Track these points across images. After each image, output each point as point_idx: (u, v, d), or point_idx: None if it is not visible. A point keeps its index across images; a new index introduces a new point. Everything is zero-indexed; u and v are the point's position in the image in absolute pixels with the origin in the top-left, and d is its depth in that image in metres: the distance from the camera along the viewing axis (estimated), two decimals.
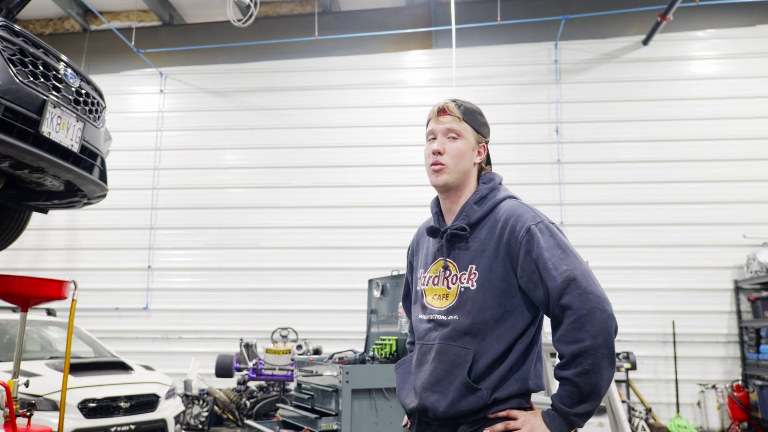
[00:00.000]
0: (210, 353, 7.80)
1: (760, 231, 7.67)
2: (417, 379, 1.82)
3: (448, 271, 1.82)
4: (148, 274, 8.60)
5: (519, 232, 1.72)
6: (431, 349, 1.79)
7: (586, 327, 1.60)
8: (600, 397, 1.63)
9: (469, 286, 1.75)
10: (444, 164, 1.82)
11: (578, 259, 1.71)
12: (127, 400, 5.27)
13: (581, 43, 8.51)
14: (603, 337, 1.59)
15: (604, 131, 8.31)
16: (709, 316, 7.76)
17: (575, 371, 1.59)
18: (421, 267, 1.93)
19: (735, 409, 7.29)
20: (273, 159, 8.74)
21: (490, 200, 1.85)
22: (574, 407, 1.61)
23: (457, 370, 1.71)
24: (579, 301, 1.61)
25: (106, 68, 9.21)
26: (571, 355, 1.60)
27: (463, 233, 1.80)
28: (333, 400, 3.72)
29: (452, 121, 1.85)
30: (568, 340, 1.61)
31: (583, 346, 1.59)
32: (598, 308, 1.61)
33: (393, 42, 8.88)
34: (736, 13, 8.29)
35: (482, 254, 1.77)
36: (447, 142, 1.84)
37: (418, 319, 1.89)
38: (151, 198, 8.77)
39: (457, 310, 1.76)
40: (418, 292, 1.93)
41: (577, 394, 1.60)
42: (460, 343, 1.73)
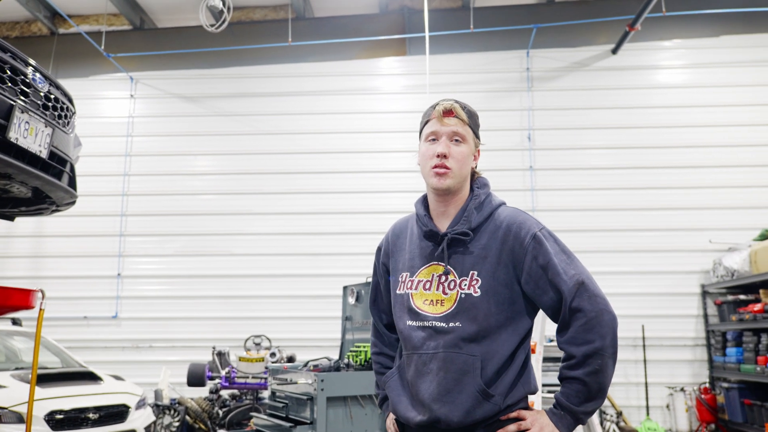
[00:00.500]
0: (182, 362, 7.68)
1: (725, 236, 7.86)
2: (421, 391, 1.75)
3: (446, 276, 1.78)
4: (117, 281, 8.44)
5: (524, 238, 1.74)
6: (433, 358, 1.74)
7: (595, 329, 1.67)
8: (605, 395, 1.71)
9: (471, 293, 1.74)
10: (449, 168, 1.79)
11: (581, 263, 1.78)
12: (95, 411, 5.16)
13: (552, 51, 8.64)
14: (610, 338, 1.68)
15: (576, 138, 8.44)
16: (677, 320, 7.91)
17: (585, 371, 1.66)
18: (404, 270, 1.88)
19: (702, 411, 7.44)
20: (246, 165, 8.68)
21: (488, 206, 1.84)
22: (581, 405, 1.68)
23: (466, 378, 1.70)
24: (589, 304, 1.68)
25: (75, 72, 9.04)
26: (583, 356, 1.66)
27: (464, 238, 1.78)
28: (308, 408, 3.70)
29: (457, 124, 1.82)
30: (579, 342, 1.67)
31: (593, 347, 1.66)
32: (605, 310, 1.70)
33: (367, 48, 8.90)
34: (701, 25, 8.51)
35: (484, 260, 1.76)
36: (452, 145, 1.81)
37: (407, 326, 1.82)
38: (121, 204, 8.63)
39: (459, 317, 1.73)
40: (400, 296, 1.87)
41: (585, 393, 1.67)
42: (466, 351, 1.71)
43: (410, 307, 1.82)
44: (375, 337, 2.10)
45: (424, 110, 1.96)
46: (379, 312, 2.08)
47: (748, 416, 6.81)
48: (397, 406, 1.84)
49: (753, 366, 6.74)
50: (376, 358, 2.07)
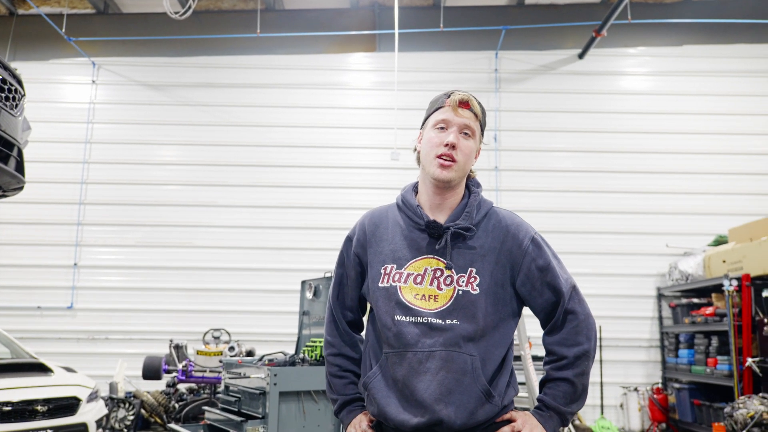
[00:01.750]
0: (139, 355, 7.54)
1: (681, 241, 8.05)
2: (418, 391, 1.66)
3: (442, 271, 1.72)
4: (74, 271, 8.24)
5: (523, 240, 1.76)
6: (431, 356, 1.66)
7: (584, 331, 1.74)
8: (586, 396, 1.76)
9: (469, 290, 1.70)
10: (456, 161, 1.73)
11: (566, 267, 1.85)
12: (44, 403, 5.02)
13: (521, 53, 8.72)
14: (594, 341, 1.77)
15: (541, 140, 8.54)
16: (633, 322, 8.08)
17: (575, 372, 1.70)
18: (388, 261, 1.77)
19: (654, 410, 7.62)
20: (211, 156, 8.55)
21: (484, 205, 1.82)
22: (568, 406, 1.71)
23: (466, 378, 1.66)
24: (581, 307, 1.76)
25: (34, 55, 8.79)
26: (574, 357, 1.70)
27: (467, 233, 1.74)
28: (260, 403, 3.66)
29: (470, 118, 1.77)
30: (570, 343, 1.72)
31: (583, 349, 1.71)
32: (590, 314, 1.79)
33: (336, 43, 8.85)
34: (665, 34, 8.69)
35: (483, 258, 1.73)
36: (461, 138, 1.75)
37: (397, 322, 1.71)
38: (79, 192, 8.42)
39: (455, 314, 1.68)
40: (385, 290, 1.75)
41: (572, 393, 1.71)
42: (466, 350, 1.67)
43: (399, 301, 1.73)
44: (333, 336, 1.92)
45: (434, 98, 1.86)
46: (343, 308, 1.92)
47: (698, 416, 7.00)
48: (386, 408, 1.71)
49: (703, 367, 6.93)
50: (333, 360, 1.90)
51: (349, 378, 1.89)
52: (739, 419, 5.61)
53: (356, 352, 1.91)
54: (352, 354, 1.91)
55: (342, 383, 1.88)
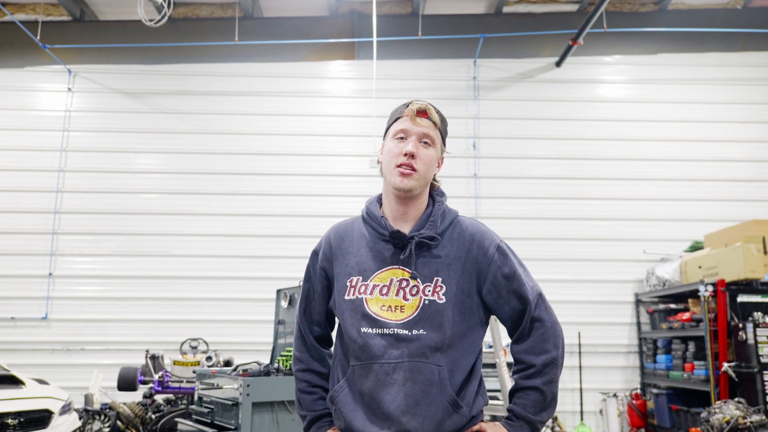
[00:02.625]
0: (115, 365, 7.41)
1: (658, 247, 8.13)
2: (385, 403, 1.64)
3: (408, 281, 1.71)
4: (48, 281, 8.11)
5: (488, 249, 1.77)
6: (397, 368, 1.65)
7: (551, 339, 1.73)
8: (556, 404, 1.75)
9: (436, 299, 1.69)
10: (416, 170, 1.73)
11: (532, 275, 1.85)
12: (15, 416, 4.94)
13: (499, 61, 8.78)
14: (562, 348, 1.75)
15: (519, 147, 8.59)
16: (611, 328, 8.13)
17: (544, 380, 1.69)
18: (354, 274, 1.76)
19: (633, 416, 7.66)
20: (188, 164, 8.49)
21: (450, 214, 1.84)
22: (538, 415, 1.69)
23: (433, 389, 1.64)
24: (547, 315, 1.75)
25: (9, 63, 8.66)
26: (542, 365, 1.69)
27: (431, 243, 1.74)
28: (233, 414, 3.62)
29: (429, 127, 1.77)
30: (537, 351, 1.71)
31: (551, 356, 1.71)
32: (557, 321, 1.77)
33: (316, 51, 8.85)
34: (640, 42, 8.81)
35: (449, 267, 1.73)
36: (421, 147, 1.75)
37: (363, 334, 1.70)
38: (54, 201, 8.30)
39: (422, 324, 1.67)
40: (351, 302, 1.74)
41: (542, 402, 1.69)
42: (433, 360, 1.66)
43: (365, 313, 1.71)
44: (301, 351, 1.90)
45: (394, 109, 1.88)
46: (310, 324, 1.90)
47: (675, 421, 7.05)
48: (353, 421, 1.69)
49: (681, 373, 6.99)
50: (302, 375, 1.88)
51: (317, 393, 1.87)
52: (715, 424, 5.67)
53: (325, 367, 1.90)
54: (320, 369, 1.89)
55: (311, 399, 1.86)
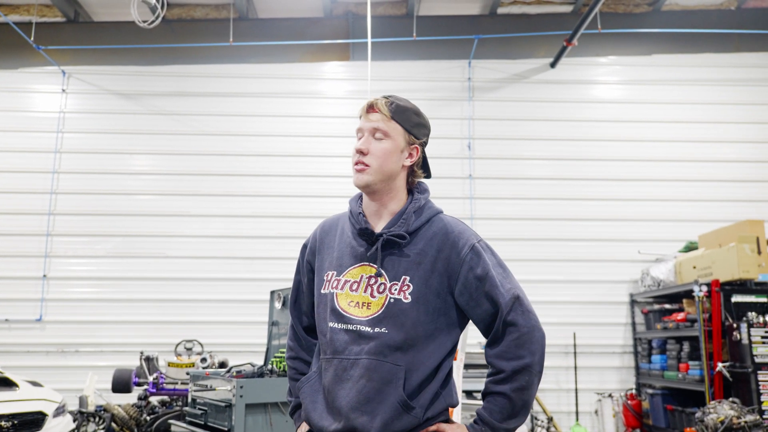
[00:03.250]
0: (110, 367, 7.40)
1: (653, 247, 8.15)
2: (338, 398, 1.66)
3: (376, 279, 1.70)
4: (43, 283, 8.09)
5: (462, 248, 1.71)
6: (355, 364, 1.66)
7: (526, 345, 1.65)
8: (527, 413, 1.68)
9: (401, 298, 1.67)
10: (367, 165, 1.73)
11: (514, 277, 1.76)
12: (8, 419, 4.92)
13: (493, 62, 8.79)
14: (539, 355, 1.66)
15: (514, 148, 8.60)
16: (606, 328, 8.14)
17: (513, 386, 1.63)
18: (331, 268, 1.78)
19: (629, 416, 7.67)
20: (183, 166, 8.47)
21: (427, 211, 1.79)
22: (504, 422, 1.64)
23: (388, 388, 1.63)
24: (523, 319, 1.66)
25: (3, 64, 8.64)
26: (512, 371, 1.63)
27: (400, 241, 1.71)
28: (227, 416, 3.61)
29: (380, 120, 1.77)
30: (509, 357, 1.65)
31: (523, 363, 1.63)
32: (537, 327, 1.68)
33: (310, 52, 8.84)
34: (635, 43, 8.83)
35: (418, 266, 1.70)
36: (373, 141, 1.75)
37: (329, 328, 1.73)
38: (48, 203, 8.27)
39: (385, 323, 1.66)
40: (324, 296, 1.77)
41: (509, 409, 1.63)
42: (391, 359, 1.64)
43: (334, 308, 1.73)
44: (292, 340, 1.97)
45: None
46: (300, 314, 1.96)
47: (671, 421, 7.06)
48: (311, 413, 1.73)
49: (675, 373, 7.00)
50: (291, 363, 1.95)
51: None
52: (709, 424, 5.68)
53: (311, 356, 1.94)
54: (307, 358, 1.94)
55: (296, 386, 1.90)
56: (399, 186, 1.82)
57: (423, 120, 1.87)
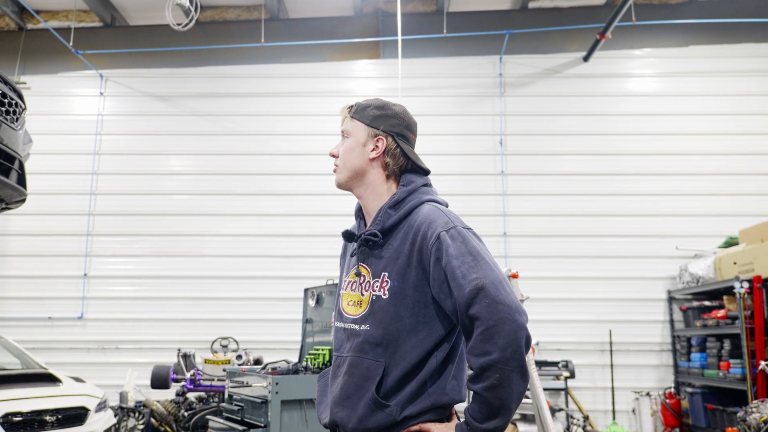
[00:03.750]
0: (148, 364, 7.58)
1: (691, 243, 7.97)
2: (331, 393, 1.77)
3: (362, 277, 1.76)
4: (84, 282, 8.31)
5: (429, 238, 1.63)
6: (345, 361, 1.73)
7: (494, 339, 1.50)
8: (511, 412, 1.55)
9: (381, 295, 1.67)
10: (337, 165, 1.85)
11: (490, 266, 1.59)
12: (53, 413, 5.07)
13: (525, 57, 8.70)
14: (512, 350, 1.50)
15: (547, 144, 8.50)
16: (644, 326, 7.99)
17: (483, 385, 1.52)
18: (344, 271, 1.91)
19: (667, 415, 7.52)
20: (217, 166, 8.61)
21: (407, 204, 1.75)
22: (484, 422, 1.54)
23: (366, 384, 1.64)
24: (487, 311, 1.51)
25: (44, 69, 8.90)
26: (479, 368, 1.52)
27: (375, 239, 1.73)
28: (263, 412, 3.66)
29: (345, 122, 1.86)
30: (476, 353, 1.52)
31: (490, 359, 1.50)
32: (508, 318, 1.51)
33: (341, 51, 8.88)
34: (670, 34, 8.63)
35: (395, 261, 1.69)
36: (340, 143, 1.86)
37: (335, 327, 1.86)
38: (88, 203, 8.50)
39: (369, 320, 1.69)
40: (337, 297, 1.91)
41: (486, 409, 1.53)
42: (372, 356, 1.65)
43: (338, 308, 1.86)
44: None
45: None
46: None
47: (711, 421, 6.90)
48: (318, 405, 1.87)
49: (716, 371, 6.84)
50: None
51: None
52: (752, 423, 5.52)
53: None
54: None
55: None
56: (374, 181, 1.83)
57: (387, 111, 1.83)
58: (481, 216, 8.22)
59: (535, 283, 7.61)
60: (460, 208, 9.23)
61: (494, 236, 8.19)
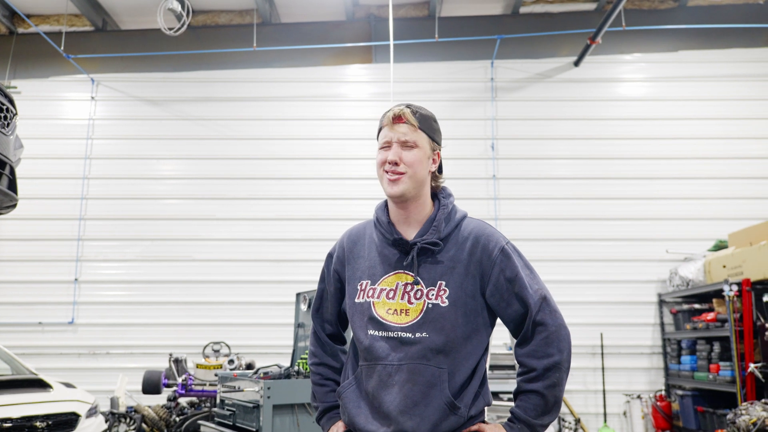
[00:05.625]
0: (140, 369, 7.54)
1: (681, 246, 8.02)
2: (385, 403, 1.71)
3: (412, 286, 1.76)
4: (74, 286, 8.27)
5: (493, 251, 1.78)
6: (399, 369, 1.71)
7: (555, 343, 1.72)
8: (560, 408, 1.76)
9: (439, 303, 1.73)
10: (402, 173, 1.77)
11: (540, 278, 1.83)
12: (44, 419, 5.03)
13: (516, 62, 8.76)
14: (567, 352, 1.74)
15: (538, 148, 8.55)
16: (634, 329, 8.04)
17: (545, 384, 1.70)
18: (364, 278, 1.84)
19: (658, 418, 7.57)
20: (209, 170, 8.60)
21: (456, 215, 1.86)
22: (539, 418, 1.71)
23: (433, 391, 1.69)
24: (551, 318, 1.74)
25: (34, 73, 8.87)
26: (543, 369, 1.70)
27: (434, 248, 1.77)
28: (255, 416, 3.66)
29: (408, 131, 1.80)
30: (539, 355, 1.71)
31: (553, 360, 1.70)
32: (563, 325, 1.76)
33: (333, 55, 8.91)
34: (660, 39, 8.71)
35: (452, 271, 1.76)
36: (403, 151, 1.79)
37: (369, 336, 1.78)
38: (80, 208, 8.46)
39: (425, 327, 1.72)
40: (360, 305, 1.83)
41: (543, 405, 1.70)
42: (434, 363, 1.71)
43: (372, 317, 1.79)
44: (315, 346, 2.03)
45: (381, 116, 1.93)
46: (322, 321, 2.02)
47: (701, 423, 6.95)
48: (356, 418, 1.78)
49: (706, 374, 6.88)
50: (316, 368, 2.00)
51: (330, 386, 1.97)
52: (741, 426, 5.57)
53: (337, 361, 2.00)
54: (333, 363, 1.99)
55: (323, 391, 1.96)
56: (427, 192, 1.87)
57: (438, 127, 1.93)
58: None
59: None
60: None
61: None
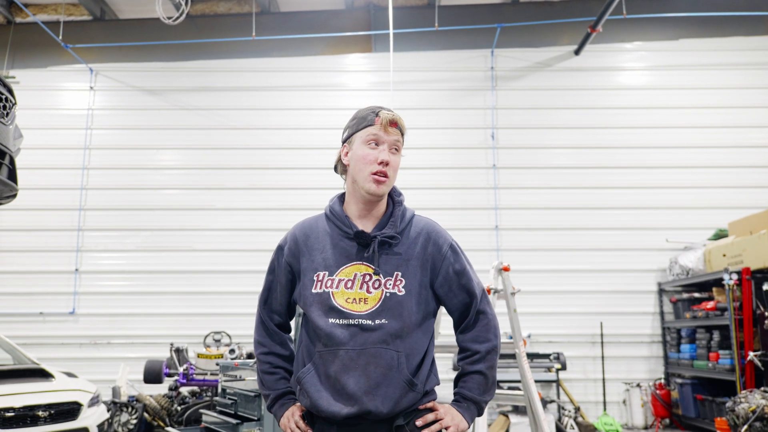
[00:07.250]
0: (141, 359, 7.57)
1: (681, 235, 8.03)
2: (348, 385, 1.82)
3: (370, 276, 1.90)
4: (75, 277, 8.29)
5: (443, 246, 1.98)
6: (361, 353, 1.83)
7: (493, 329, 1.99)
8: (495, 386, 1.99)
9: (396, 292, 1.89)
10: (388, 177, 1.92)
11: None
12: (46, 408, 5.06)
13: (516, 51, 8.72)
14: (499, 338, 2.03)
15: (538, 137, 8.53)
16: (634, 317, 8.06)
17: (487, 365, 1.94)
18: (321, 269, 1.93)
19: (657, 406, 7.61)
20: (209, 160, 8.58)
21: (408, 213, 2.03)
22: (483, 395, 1.94)
23: (393, 372, 1.84)
24: (489, 308, 2.01)
25: (32, 63, 8.84)
26: (485, 351, 1.94)
27: (393, 241, 1.93)
28: (256, 405, 3.67)
29: (399, 137, 1.95)
30: (481, 340, 1.96)
31: (492, 344, 1.96)
32: (495, 315, 2.05)
33: (332, 45, 8.87)
34: (661, 28, 8.67)
35: (407, 263, 1.93)
36: (391, 155, 1.93)
37: (329, 324, 1.87)
38: (79, 198, 8.46)
39: (384, 314, 1.86)
40: (318, 295, 1.91)
41: (485, 384, 1.94)
42: (393, 347, 1.85)
43: (332, 306, 1.89)
44: (263, 336, 2.08)
45: (360, 113, 1.99)
46: (271, 312, 2.09)
47: (700, 411, 6.99)
48: (318, 401, 1.86)
49: (705, 362, 6.91)
50: (265, 357, 2.05)
51: (280, 374, 2.04)
52: (740, 413, 5.60)
53: (286, 350, 2.08)
54: (282, 352, 2.07)
55: (273, 379, 2.03)
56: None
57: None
58: (473, 209, 8.26)
59: (527, 276, 7.64)
60: (452, 202, 9.20)
61: (486, 229, 8.23)
